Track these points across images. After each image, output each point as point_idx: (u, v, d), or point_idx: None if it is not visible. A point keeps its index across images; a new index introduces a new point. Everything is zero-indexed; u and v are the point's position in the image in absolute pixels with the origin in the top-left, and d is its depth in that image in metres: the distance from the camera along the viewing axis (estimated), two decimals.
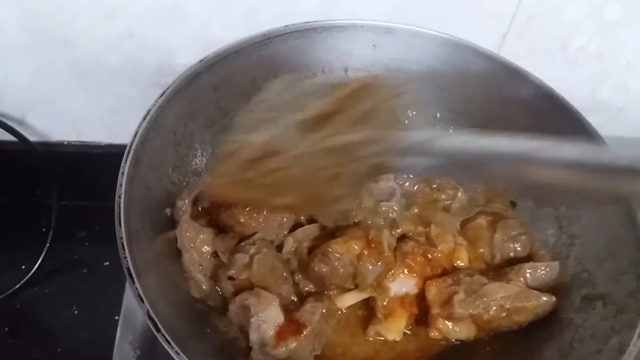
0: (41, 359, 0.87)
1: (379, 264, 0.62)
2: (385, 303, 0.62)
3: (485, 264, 0.66)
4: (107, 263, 0.97)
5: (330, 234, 0.64)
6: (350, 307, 0.65)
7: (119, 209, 0.52)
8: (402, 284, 0.63)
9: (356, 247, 0.62)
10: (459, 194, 0.70)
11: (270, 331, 0.56)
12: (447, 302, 0.61)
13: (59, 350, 0.88)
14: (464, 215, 0.70)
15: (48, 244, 0.91)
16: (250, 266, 0.59)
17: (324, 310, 0.59)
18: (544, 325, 0.62)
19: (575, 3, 0.79)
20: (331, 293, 0.63)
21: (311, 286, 0.63)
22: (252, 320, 0.56)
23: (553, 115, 0.68)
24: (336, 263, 0.61)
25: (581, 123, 0.66)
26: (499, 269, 0.65)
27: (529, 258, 0.65)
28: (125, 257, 0.50)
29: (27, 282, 0.90)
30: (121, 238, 0.51)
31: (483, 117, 0.74)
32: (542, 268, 0.63)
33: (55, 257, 0.92)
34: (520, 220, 0.67)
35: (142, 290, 0.48)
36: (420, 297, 0.64)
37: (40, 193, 0.98)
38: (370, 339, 0.63)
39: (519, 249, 0.65)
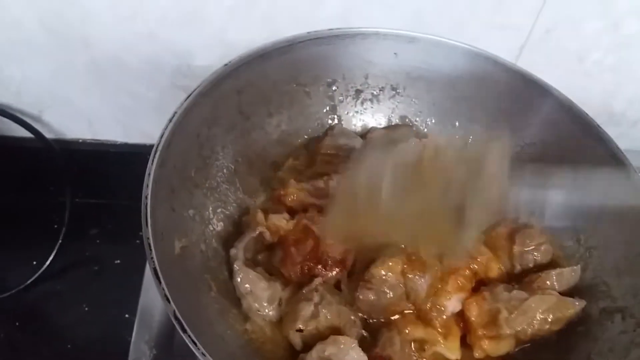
0: (51, 355, 0.88)
1: (426, 275, 0.61)
2: (442, 322, 0.62)
3: (506, 274, 0.67)
4: (118, 261, 0.98)
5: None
6: None
7: (146, 209, 0.52)
8: (457, 301, 0.63)
9: (396, 264, 0.61)
10: None
11: None
12: (492, 322, 0.60)
13: (68, 347, 0.88)
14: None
15: (60, 241, 0.92)
16: (317, 316, 0.59)
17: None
18: (563, 338, 0.62)
19: (594, 16, 0.79)
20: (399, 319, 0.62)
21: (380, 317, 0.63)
22: None
23: (571, 128, 0.69)
24: (381, 286, 0.61)
25: (601, 137, 0.67)
26: (523, 277, 0.65)
27: (550, 265, 0.66)
28: (152, 258, 0.50)
29: (38, 278, 0.90)
30: (148, 238, 0.51)
31: (501, 128, 0.75)
32: (568, 272, 0.63)
33: (66, 254, 0.93)
34: (540, 228, 0.67)
35: (167, 290, 0.49)
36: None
37: (54, 190, 0.99)
38: (426, 358, 0.61)
39: (538, 258, 0.66)
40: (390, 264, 0.61)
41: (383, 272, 0.60)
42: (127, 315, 0.89)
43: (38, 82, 0.85)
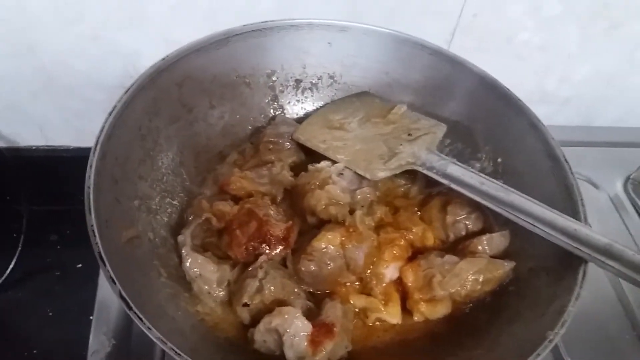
0: None
1: (362, 245, 0.64)
2: (382, 290, 0.65)
3: (441, 242, 0.71)
4: (80, 265, 0.99)
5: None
6: None
7: (89, 198, 0.54)
8: (394, 269, 0.66)
9: (335, 237, 0.64)
10: (418, 177, 0.74)
11: (303, 342, 0.57)
12: (427, 286, 0.64)
13: (34, 352, 0.89)
14: (421, 197, 0.74)
15: (20, 249, 0.92)
16: (261, 290, 0.61)
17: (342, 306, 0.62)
18: (495, 298, 0.66)
19: (515, 0, 0.84)
20: (342, 290, 0.65)
21: (324, 289, 0.66)
22: (284, 339, 0.57)
23: (496, 105, 0.73)
24: (322, 257, 0.64)
25: (522, 111, 0.71)
26: (457, 245, 0.69)
27: (482, 232, 0.69)
28: (97, 243, 0.52)
29: (0, 286, 0.90)
30: (92, 225, 0.53)
31: (431, 107, 0.79)
32: (497, 237, 0.67)
33: (27, 262, 0.93)
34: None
35: (113, 273, 0.51)
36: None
37: (10, 198, 0.99)
38: (371, 323, 0.65)
39: (470, 226, 0.69)
40: (330, 236, 0.64)
41: (323, 245, 0.64)
42: (90, 317, 0.90)
43: None
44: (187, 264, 0.63)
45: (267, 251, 0.65)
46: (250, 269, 0.63)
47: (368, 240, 0.65)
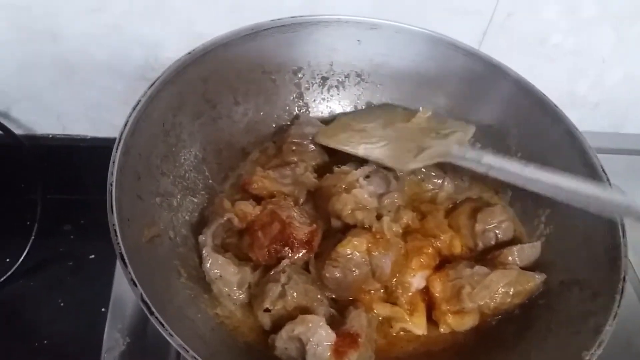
0: (27, 352, 0.87)
1: (389, 252, 0.62)
2: (407, 299, 0.63)
3: (469, 250, 0.69)
4: (93, 256, 0.97)
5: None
6: None
7: (111, 196, 0.53)
8: (421, 278, 0.65)
9: (362, 243, 0.62)
10: (446, 183, 0.72)
11: (327, 352, 0.55)
12: (455, 297, 0.62)
13: (45, 342, 0.88)
14: (449, 203, 0.72)
15: (33, 238, 0.91)
16: (284, 295, 0.59)
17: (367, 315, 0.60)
18: (525, 311, 0.64)
19: (552, 0, 0.81)
20: (366, 298, 0.64)
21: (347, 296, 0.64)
22: (307, 347, 0.55)
23: (531, 110, 0.71)
24: (348, 264, 0.62)
25: (559, 118, 0.69)
26: (486, 254, 0.67)
27: (512, 242, 0.67)
28: (118, 243, 0.50)
29: (12, 275, 0.90)
30: (114, 225, 0.51)
31: (463, 111, 0.77)
32: (528, 248, 0.65)
33: (40, 251, 0.92)
34: (503, 205, 0.69)
35: (134, 275, 0.49)
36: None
37: (25, 186, 0.98)
38: (395, 333, 0.63)
39: (500, 235, 0.67)
40: (356, 242, 0.62)
41: (349, 251, 0.62)
42: (102, 310, 0.88)
43: (5, 77, 0.85)
44: (208, 265, 0.62)
45: (290, 254, 0.63)
46: (272, 272, 0.62)
47: (395, 247, 0.63)
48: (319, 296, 0.61)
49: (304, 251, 0.64)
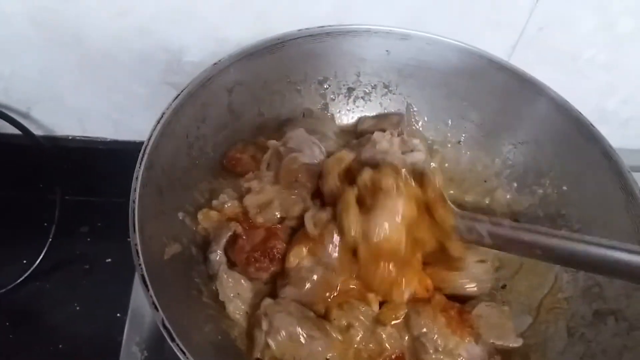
0: (42, 354, 0.87)
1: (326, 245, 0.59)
2: None
3: None
4: (109, 260, 0.97)
5: None
6: None
7: (134, 214, 0.51)
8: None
9: (300, 249, 0.60)
10: None
11: None
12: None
13: (60, 346, 0.87)
14: None
15: (50, 239, 0.90)
16: (269, 347, 0.56)
17: None
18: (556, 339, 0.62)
19: (587, 14, 0.79)
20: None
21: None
22: None
23: (567, 128, 0.68)
24: (299, 274, 0.59)
25: (594, 136, 0.66)
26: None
27: None
28: (140, 265, 0.49)
29: (28, 277, 0.89)
30: (136, 245, 0.50)
31: (494, 126, 0.74)
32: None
33: (57, 253, 0.92)
34: None
35: (156, 298, 0.48)
36: None
37: (44, 187, 0.98)
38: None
39: None
40: (296, 251, 0.60)
41: (294, 261, 0.59)
42: (118, 314, 0.88)
43: (27, 78, 0.84)
44: (224, 283, 0.60)
45: (266, 266, 0.61)
46: (256, 312, 0.59)
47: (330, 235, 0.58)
48: (305, 334, 0.57)
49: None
